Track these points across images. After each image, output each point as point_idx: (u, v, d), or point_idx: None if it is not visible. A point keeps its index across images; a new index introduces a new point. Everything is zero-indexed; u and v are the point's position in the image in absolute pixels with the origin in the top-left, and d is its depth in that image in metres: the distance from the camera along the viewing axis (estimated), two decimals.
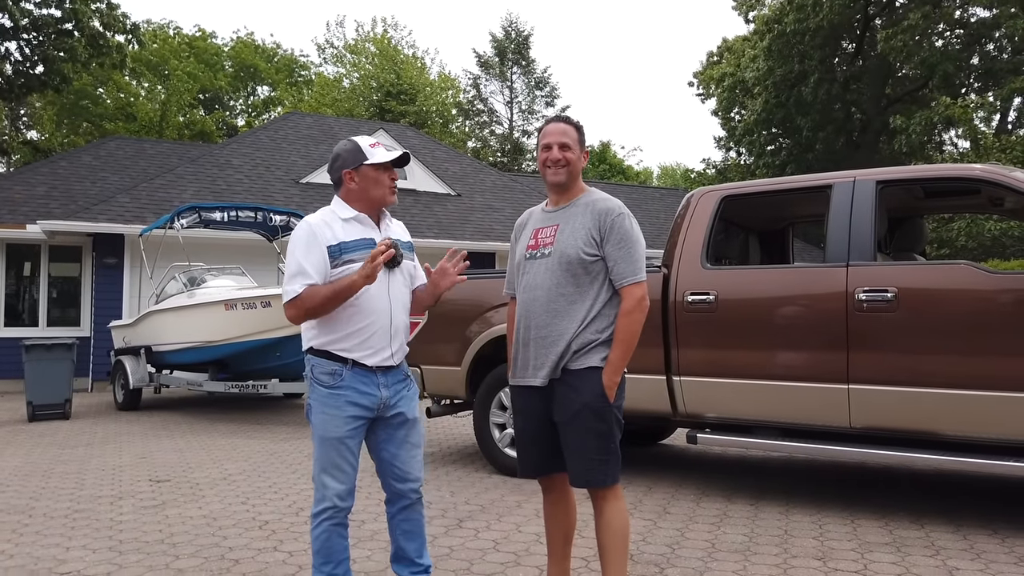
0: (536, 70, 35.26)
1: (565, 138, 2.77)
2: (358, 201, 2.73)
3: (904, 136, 20.50)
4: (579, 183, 2.86)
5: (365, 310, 2.64)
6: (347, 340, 2.64)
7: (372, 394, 2.66)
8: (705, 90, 30.42)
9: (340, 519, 2.64)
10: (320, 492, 2.63)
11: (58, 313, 13.80)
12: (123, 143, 18.28)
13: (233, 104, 37.06)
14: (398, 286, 2.74)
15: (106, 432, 8.09)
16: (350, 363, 2.64)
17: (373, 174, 2.72)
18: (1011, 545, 3.82)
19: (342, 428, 2.62)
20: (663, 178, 46.81)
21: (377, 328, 2.66)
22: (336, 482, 2.62)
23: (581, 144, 2.83)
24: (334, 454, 2.62)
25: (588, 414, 2.64)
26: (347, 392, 2.63)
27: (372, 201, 2.73)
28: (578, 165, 2.81)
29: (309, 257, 2.61)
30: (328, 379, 2.64)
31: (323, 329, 2.66)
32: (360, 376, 2.64)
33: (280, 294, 8.25)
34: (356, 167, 2.73)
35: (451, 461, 6.19)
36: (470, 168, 19.33)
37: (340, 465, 2.62)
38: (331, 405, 2.63)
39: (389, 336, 2.69)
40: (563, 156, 2.76)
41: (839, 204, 4.55)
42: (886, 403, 4.19)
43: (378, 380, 2.68)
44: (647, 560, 3.62)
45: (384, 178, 2.73)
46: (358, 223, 2.72)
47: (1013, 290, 3.95)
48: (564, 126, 2.81)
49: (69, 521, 4.40)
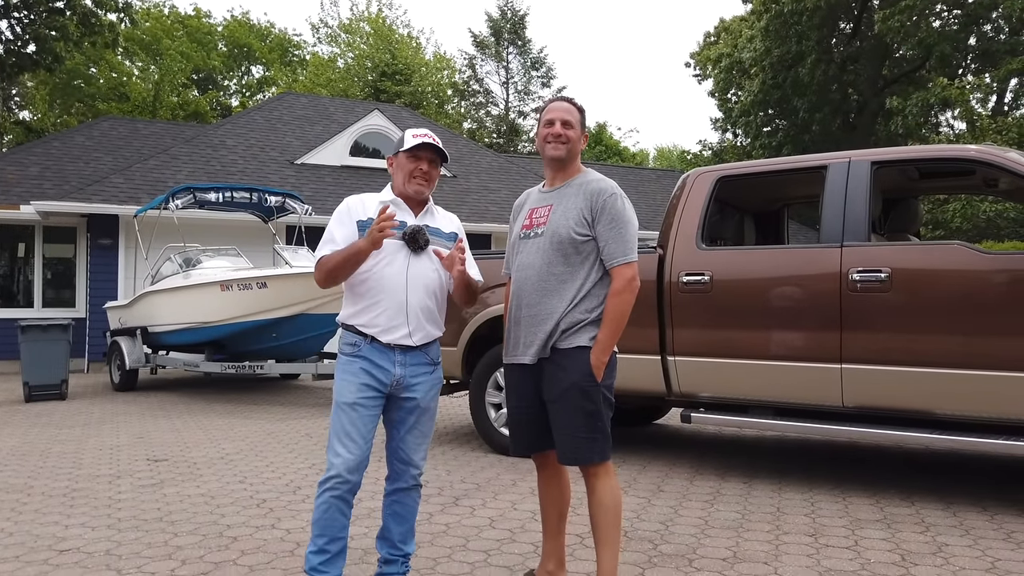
0: (532, 50, 35.07)
1: (568, 116, 2.81)
2: (396, 184, 2.87)
3: (900, 117, 20.48)
4: (576, 164, 2.88)
5: (377, 286, 2.73)
6: (363, 315, 2.74)
7: (387, 369, 2.72)
8: (702, 71, 30.32)
9: (343, 492, 2.66)
10: (330, 460, 2.68)
11: (53, 294, 13.78)
12: (116, 123, 18.15)
13: (227, 84, 36.79)
14: (422, 268, 2.77)
15: (103, 412, 8.12)
16: (369, 338, 2.73)
17: (403, 161, 2.83)
18: (1000, 522, 3.87)
19: (355, 394, 2.69)
20: (659, 160, 46.72)
21: (389, 305, 2.72)
22: (345, 451, 2.66)
23: (582, 125, 2.86)
24: (345, 419, 2.68)
25: (576, 393, 2.66)
26: (362, 361, 2.72)
27: (400, 187, 2.84)
28: (578, 145, 2.84)
29: (340, 228, 2.78)
30: (349, 349, 2.76)
31: (348, 302, 2.80)
32: (377, 351, 2.73)
33: (276, 275, 8.34)
34: (395, 154, 2.88)
35: (448, 440, 6.24)
36: (466, 149, 19.26)
37: (350, 433, 2.67)
38: (347, 371, 2.74)
39: (405, 315, 2.73)
40: (564, 132, 2.79)
41: (834, 185, 4.56)
42: (879, 382, 4.23)
43: (395, 358, 2.74)
44: (641, 536, 3.67)
45: (409, 166, 2.80)
46: (395, 206, 2.79)
47: (1007, 270, 3.98)
48: (568, 105, 2.86)
49: (67, 500, 4.43)
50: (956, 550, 3.45)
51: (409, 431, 2.81)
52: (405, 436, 2.81)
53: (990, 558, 3.34)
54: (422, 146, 2.79)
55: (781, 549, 3.47)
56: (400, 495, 2.86)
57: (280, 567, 3.26)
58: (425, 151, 2.80)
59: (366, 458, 2.71)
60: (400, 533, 2.86)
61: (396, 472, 2.85)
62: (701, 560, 3.33)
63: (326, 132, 17.10)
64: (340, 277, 2.74)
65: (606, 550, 2.67)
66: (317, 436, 6.53)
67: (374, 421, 2.73)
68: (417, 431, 2.82)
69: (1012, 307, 3.91)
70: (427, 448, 2.89)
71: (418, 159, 2.81)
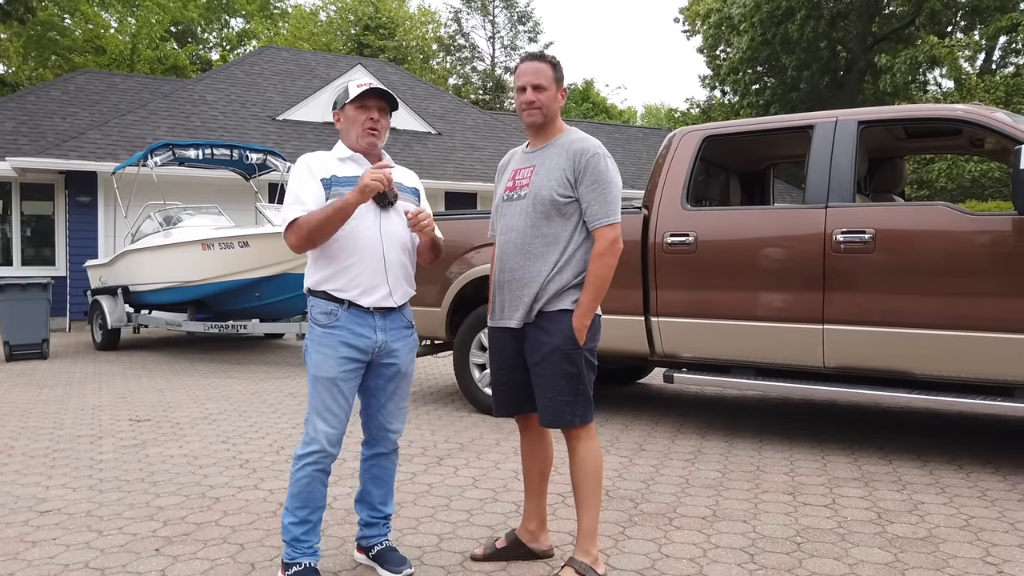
0: (519, 4, 34.49)
1: (539, 78, 2.69)
2: (348, 141, 2.72)
3: (889, 75, 20.36)
4: (557, 123, 2.78)
5: (352, 246, 2.59)
6: (339, 278, 2.61)
7: (367, 336, 2.63)
8: (691, 26, 29.93)
9: (325, 465, 2.61)
10: (310, 435, 2.59)
11: (33, 252, 13.60)
12: (93, 77, 17.73)
13: (206, 37, 35.94)
14: (393, 225, 2.67)
15: (85, 372, 8.07)
16: (346, 304, 2.61)
17: (352, 113, 2.68)
18: (974, 480, 3.94)
19: (335, 369, 2.59)
20: (647, 118, 46.33)
21: (368, 265, 2.61)
22: (327, 426, 2.58)
23: (558, 82, 2.73)
24: (326, 395, 2.59)
25: (558, 356, 2.64)
26: (341, 332, 2.60)
27: (352, 142, 2.70)
28: (553, 106, 2.73)
29: (304, 187, 2.61)
30: (324, 319, 2.61)
31: (317, 267, 2.64)
32: (356, 317, 2.61)
33: (259, 234, 8.25)
34: (341, 107, 2.72)
35: (431, 401, 6.25)
36: (451, 106, 19.00)
37: (332, 408, 2.59)
38: (325, 344, 2.60)
39: (384, 274, 2.64)
40: (536, 98, 2.69)
41: (820, 144, 4.53)
42: (860, 343, 4.26)
43: (375, 323, 2.64)
44: (622, 496, 3.70)
45: (360, 118, 2.67)
46: (353, 162, 2.69)
47: (989, 231, 3.98)
48: (538, 64, 2.71)
49: (49, 460, 4.41)
50: (931, 508, 3.51)
51: (389, 398, 2.76)
52: (386, 403, 2.76)
53: (964, 515, 3.40)
54: (369, 92, 2.65)
55: (760, 507, 3.52)
56: (379, 459, 2.83)
57: (263, 527, 3.27)
58: (372, 99, 2.66)
59: (345, 428, 2.66)
60: (380, 495, 2.85)
61: (375, 438, 2.81)
62: (681, 519, 3.37)
63: (308, 88, 16.80)
64: (322, 239, 2.54)
65: (587, 511, 2.69)
66: (301, 396, 6.53)
67: (355, 391, 2.67)
68: (397, 397, 2.78)
69: (993, 268, 3.92)
70: (407, 412, 2.87)
71: (367, 108, 2.66)
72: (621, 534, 3.19)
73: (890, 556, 2.94)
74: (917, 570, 2.81)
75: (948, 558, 2.92)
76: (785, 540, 3.11)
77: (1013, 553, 2.97)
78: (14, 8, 20.16)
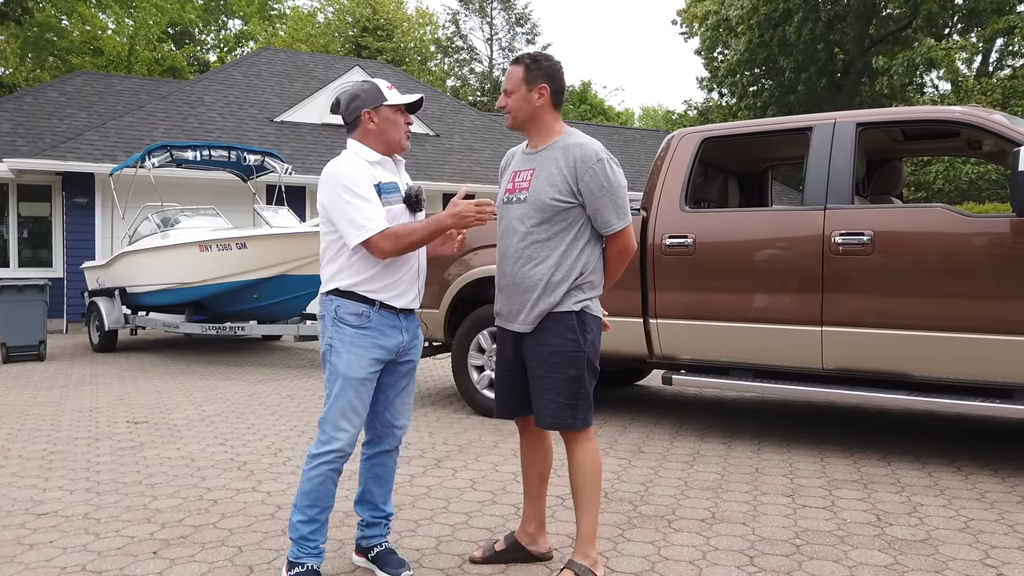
0: (516, 6, 34.55)
1: (508, 82, 2.68)
2: (376, 143, 2.68)
3: (886, 77, 20.39)
4: (547, 123, 2.72)
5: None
6: (376, 281, 2.62)
7: (396, 337, 2.67)
8: (689, 28, 29.97)
9: (340, 465, 2.63)
10: (329, 434, 2.59)
11: (30, 253, 13.57)
12: (90, 78, 17.70)
13: (204, 39, 35.92)
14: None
15: (82, 374, 8.05)
16: (377, 304, 2.63)
17: (392, 115, 2.68)
18: (973, 482, 3.94)
19: (366, 369, 2.61)
20: (645, 119, 46.36)
21: (407, 268, 2.68)
22: (351, 426, 2.61)
23: (528, 81, 2.66)
24: (353, 395, 2.60)
25: (559, 358, 2.64)
26: (374, 333, 2.62)
27: (389, 144, 2.69)
28: (524, 104, 2.68)
29: (371, 194, 2.56)
30: (355, 319, 2.61)
31: (352, 270, 2.62)
32: (386, 318, 2.65)
33: (256, 235, 8.23)
34: (376, 107, 2.66)
35: (430, 402, 6.24)
36: (449, 107, 18.99)
37: (357, 408, 2.62)
38: (359, 345, 2.60)
39: (417, 278, 2.73)
40: (505, 102, 2.70)
41: (819, 146, 4.53)
42: (858, 345, 4.26)
43: (401, 323, 2.69)
44: (621, 498, 3.69)
45: (401, 121, 2.69)
46: (382, 167, 2.68)
47: (987, 233, 3.98)
48: (511, 68, 2.71)
49: (45, 463, 4.40)
50: (931, 510, 3.50)
51: (399, 394, 2.80)
52: (395, 399, 2.79)
53: (963, 517, 3.40)
54: (417, 103, 2.70)
55: (759, 510, 3.51)
56: (382, 457, 2.84)
57: (261, 530, 3.26)
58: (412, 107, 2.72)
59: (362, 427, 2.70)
60: (382, 495, 2.85)
61: (380, 435, 2.82)
62: (680, 521, 3.36)
63: (306, 89, 16.79)
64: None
65: (586, 513, 2.68)
66: (299, 398, 6.52)
67: (373, 390, 2.70)
68: (406, 393, 2.82)
69: (991, 270, 3.92)
70: (411, 407, 2.89)
71: (403, 112, 2.70)
72: (620, 536, 3.18)
73: (889, 558, 2.94)
74: (917, 572, 2.80)
75: (948, 560, 2.92)
76: (784, 542, 3.11)
77: (1012, 555, 2.97)
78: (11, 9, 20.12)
